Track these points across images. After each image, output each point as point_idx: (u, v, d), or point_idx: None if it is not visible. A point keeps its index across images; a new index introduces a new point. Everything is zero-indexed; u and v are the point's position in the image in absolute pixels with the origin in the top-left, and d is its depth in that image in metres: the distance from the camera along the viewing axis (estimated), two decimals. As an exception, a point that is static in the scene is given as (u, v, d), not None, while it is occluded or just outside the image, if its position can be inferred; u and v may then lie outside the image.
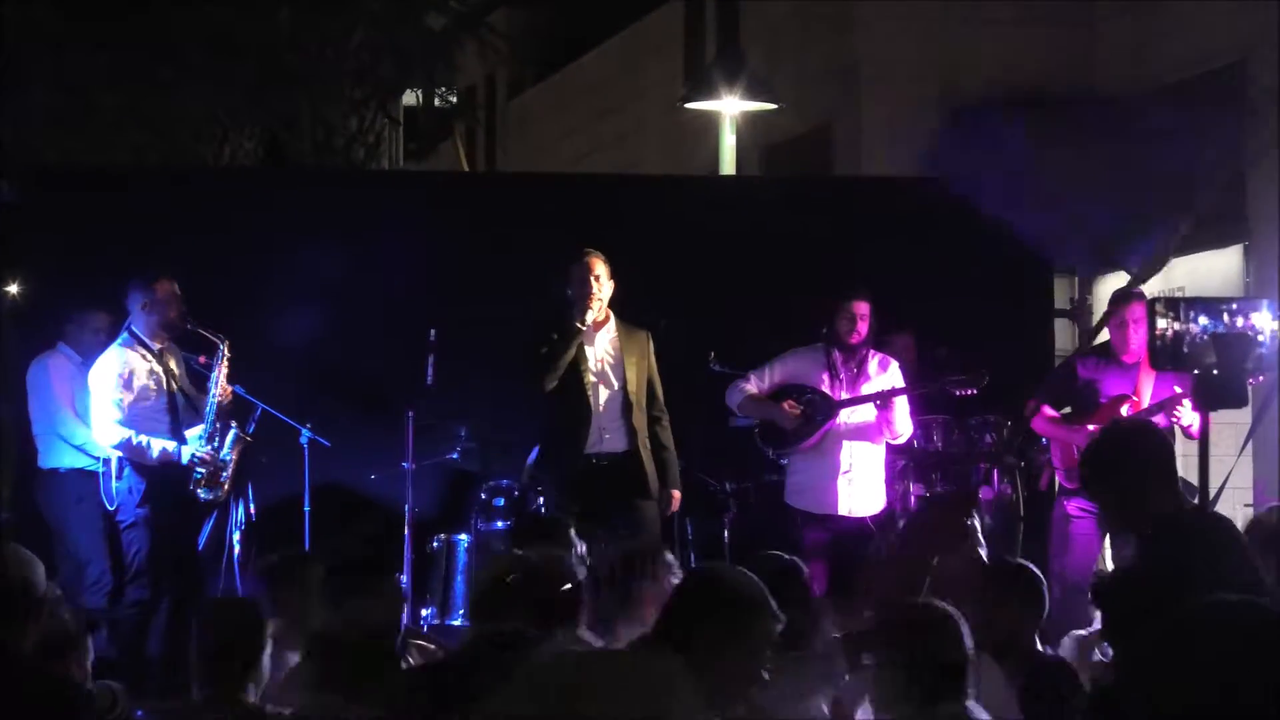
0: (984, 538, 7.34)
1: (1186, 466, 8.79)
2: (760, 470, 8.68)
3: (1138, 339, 7.61)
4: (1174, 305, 4.55)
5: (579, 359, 7.74)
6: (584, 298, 7.70)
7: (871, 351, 8.16)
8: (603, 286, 7.72)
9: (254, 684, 4.68)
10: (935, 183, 9.85)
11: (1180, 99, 10.27)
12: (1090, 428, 7.72)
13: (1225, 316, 4.46)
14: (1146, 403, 7.72)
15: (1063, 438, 7.94)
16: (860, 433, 8.04)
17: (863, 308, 8.05)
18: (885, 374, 8.16)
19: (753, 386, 8.19)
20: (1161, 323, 4.47)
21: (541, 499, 8.53)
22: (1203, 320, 4.46)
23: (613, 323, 7.83)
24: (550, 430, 7.90)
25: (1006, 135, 10.42)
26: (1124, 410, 7.72)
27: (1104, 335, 8.58)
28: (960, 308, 9.45)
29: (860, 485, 8.01)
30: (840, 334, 8.06)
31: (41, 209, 9.34)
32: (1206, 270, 11.18)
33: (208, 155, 17.89)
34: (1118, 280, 12.05)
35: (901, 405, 8.05)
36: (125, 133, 16.33)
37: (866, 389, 8.07)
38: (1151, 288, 10.68)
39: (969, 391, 8.43)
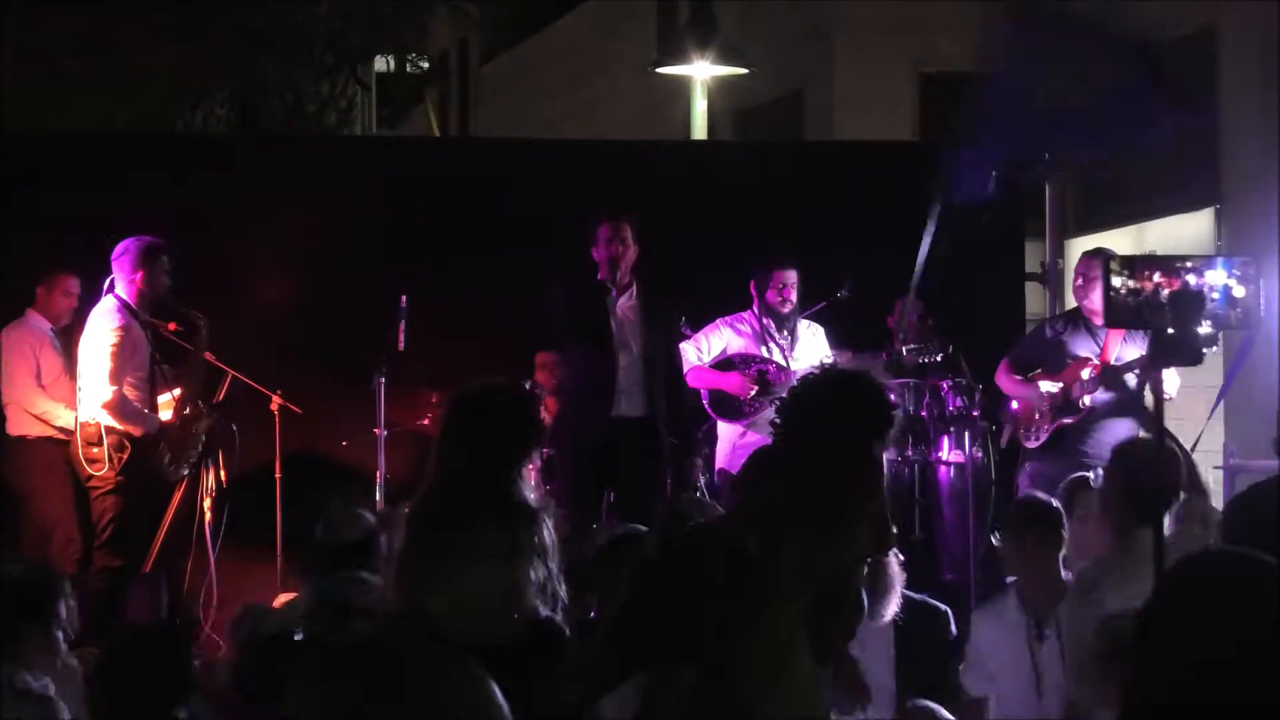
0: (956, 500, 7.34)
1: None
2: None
3: (1096, 296, 7.57)
4: (1129, 263, 4.54)
5: (604, 321, 7.70)
6: (611, 260, 7.67)
7: (800, 318, 8.19)
8: (629, 249, 7.70)
9: None
10: (907, 147, 9.82)
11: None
12: (1041, 384, 7.80)
13: (1181, 274, 4.45)
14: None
15: (1016, 392, 8.02)
16: None
17: (790, 276, 8.09)
18: (817, 339, 8.20)
19: (694, 358, 8.17)
20: (1117, 280, 4.45)
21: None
22: (1157, 277, 4.45)
23: (635, 287, 7.79)
24: (573, 391, 7.88)
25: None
26: (1085, 373, 7.75)
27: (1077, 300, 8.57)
28: (931, 272, 9.44)
29: None
30: (771, 303, 8.08)
31: (6, 177, 9.26)
32: (1178, 234, 11.19)
33: (178, 120, 17.81)
34: (1090, 243, 12.06)
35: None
36: (92, 98, 16.18)
37: (803, 355, 8.08)
38: (1124, 250, 10.68)
39: (935, 358, 8.49)
